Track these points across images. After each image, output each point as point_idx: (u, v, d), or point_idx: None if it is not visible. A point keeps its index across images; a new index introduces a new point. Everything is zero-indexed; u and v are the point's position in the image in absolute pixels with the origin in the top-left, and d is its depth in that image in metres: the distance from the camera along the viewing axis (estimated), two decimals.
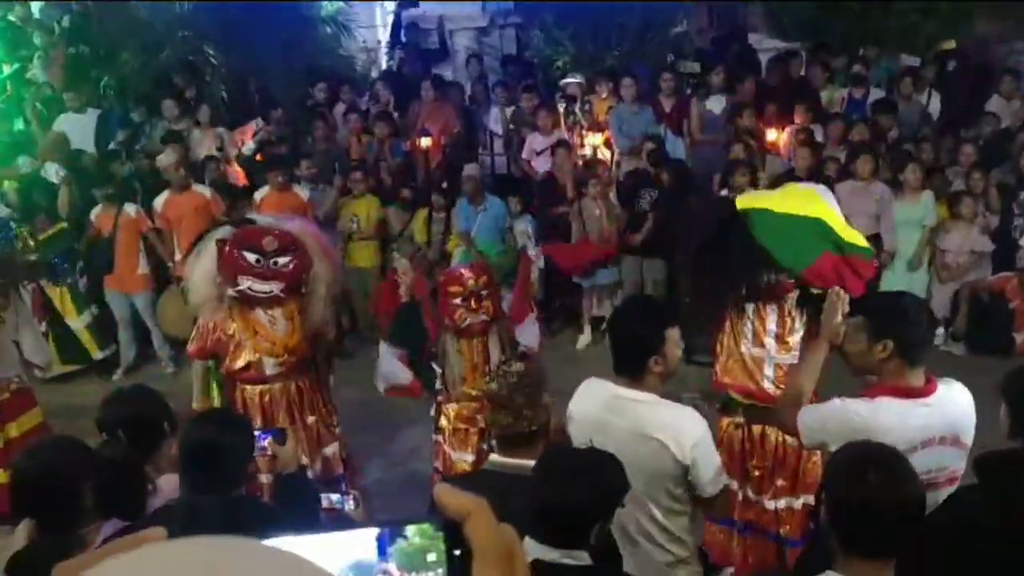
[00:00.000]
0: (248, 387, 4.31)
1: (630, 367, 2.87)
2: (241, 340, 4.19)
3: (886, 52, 9.39)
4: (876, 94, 8.52)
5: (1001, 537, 2.23)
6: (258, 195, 7.26)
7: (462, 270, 4.45)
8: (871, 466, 2.11)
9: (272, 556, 0.53)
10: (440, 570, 0.60)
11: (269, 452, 3.06)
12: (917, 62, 9.07)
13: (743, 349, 4.06)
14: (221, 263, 4.13)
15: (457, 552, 0.61)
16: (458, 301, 4.22)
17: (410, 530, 0.61)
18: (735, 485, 3.97)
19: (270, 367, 4.24)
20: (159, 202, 7.23)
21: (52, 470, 2.49)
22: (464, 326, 4.24)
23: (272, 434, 3.11)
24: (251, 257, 4.07)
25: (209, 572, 0.49)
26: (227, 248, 4.10)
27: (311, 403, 4.41)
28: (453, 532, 0.61)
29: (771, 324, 4.01)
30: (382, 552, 0.60)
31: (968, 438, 2.74)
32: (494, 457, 2.77)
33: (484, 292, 4.27)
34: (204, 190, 7.28)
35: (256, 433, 3.06)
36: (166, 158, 7.36)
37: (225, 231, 4.28)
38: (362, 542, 0.60)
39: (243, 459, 2.79)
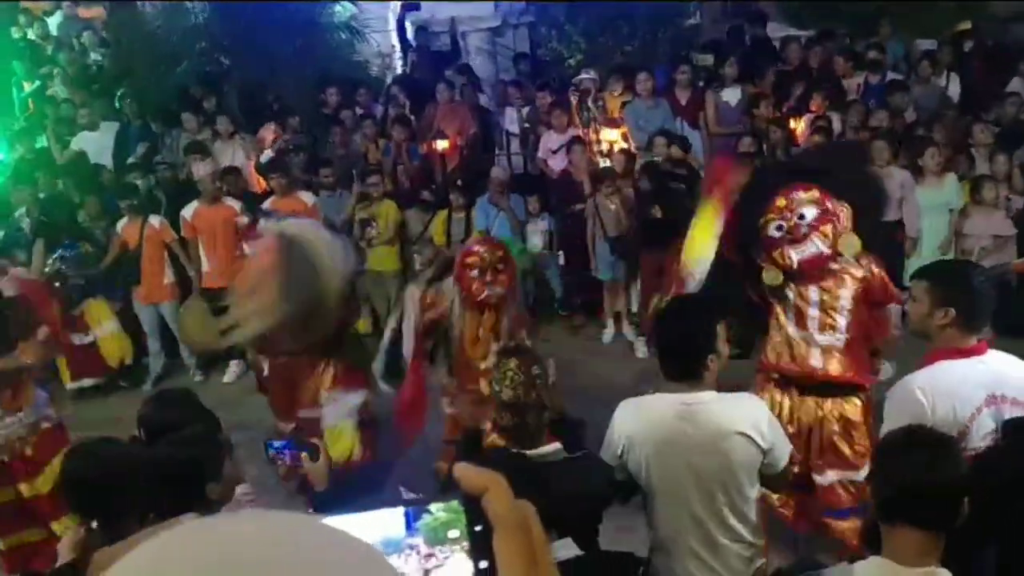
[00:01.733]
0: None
1: (688, 369, 2.82)
2: None
3: (898, 33, 9.31)
4: (892, 77, 8.45)
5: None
6: (267, 203, 7.25)
7: (478, 244, 4.62)
8: (918, 443, 2.18)
9: (321, 529, 0.55)
10: (463, 544, 0.63)
11: (304, 466, 3.04)
12: (933, 46, 8.98)
13: (789, 331, 3.97)
14: None
15: (478, 528, 0.64)
16: (474, 273, 4.42)
17: (435, 506, 0.64)
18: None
19: None
20: (187, 212, 7.30)
21: (106, 468, 2.51)
22: (481, 299, 4.38)
23: (307, 450, 3.09)
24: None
25: (251, 543, 0.51)
26: None
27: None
28: (473, 507, 0.64)
29: (813, 307, 3.93)
30: (409, 527, 0.62)
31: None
32: (514, 452, 2.79)
33: (500, 266, 4.44)
34: (233, 203, 7.32)
35: (288, 444, 3.07)
36: (202, 169, 7.40)
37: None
38: (390, 519, 0.63)
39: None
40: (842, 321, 3.87)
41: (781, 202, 3.81)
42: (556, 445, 2.73)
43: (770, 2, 10.66)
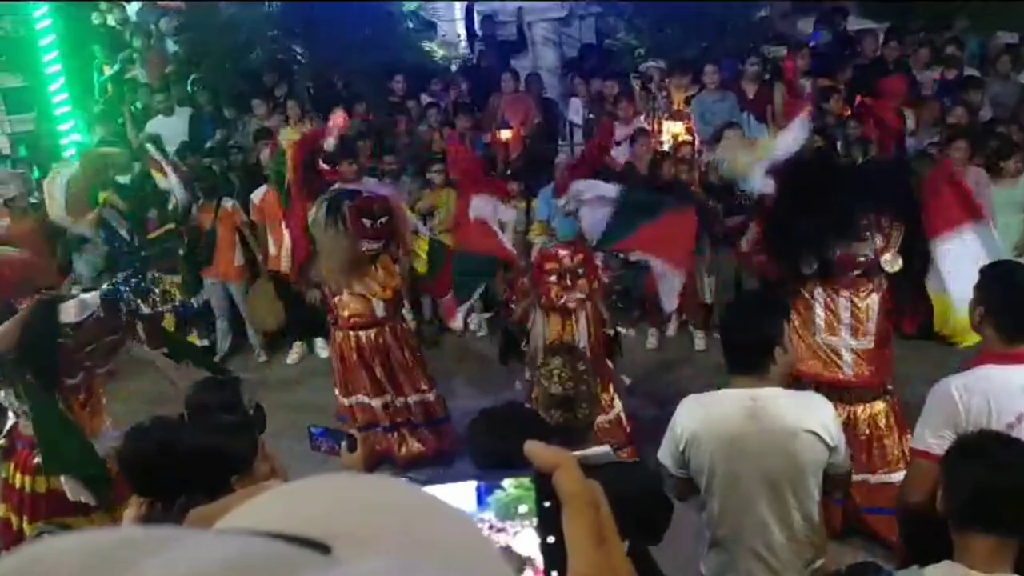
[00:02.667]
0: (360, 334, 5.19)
1: (756, 364, 2.79)
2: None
3: (978, 29, 9.01)
4: (969, 73, 8.20)
5: None
6: (330, 190, 7.40)
7: (560, 248, 4.60)
8: (990, 447, 2.13)
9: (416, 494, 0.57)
10: (531, 520, 0.63)
11: (341, 456, 3.01)
12: (1015, 39, 8.67)
13: (817, 338, 4.09)
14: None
15: (547, 504, 0.64)
16: (553, 279, 4.35)
17: (507, 481, 0.65)
18: None
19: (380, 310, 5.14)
20: (256, 196, 7.46)
21: (160, 448, 2.59)
22: (559, 304, 4.35)
23: (345, 440, 3.07)
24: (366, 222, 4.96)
25: (363, 500, 0.53)
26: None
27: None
28: (544, 484, 0.65)
29: (844, 313, 4.05)
30: (480, 502, 0.63)
31: None
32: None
33: (580, 271, 4.39)
34: None
35: (325, 431, 3.09)
36: (268, 154, 7.52)
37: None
38: (462, 493, 0.64)
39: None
40: (871, 327, 4.04)
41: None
42: (606, 447, 2.69)
43: None
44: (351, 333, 5.21)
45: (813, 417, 2.74)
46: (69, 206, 6.31)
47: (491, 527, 0.63)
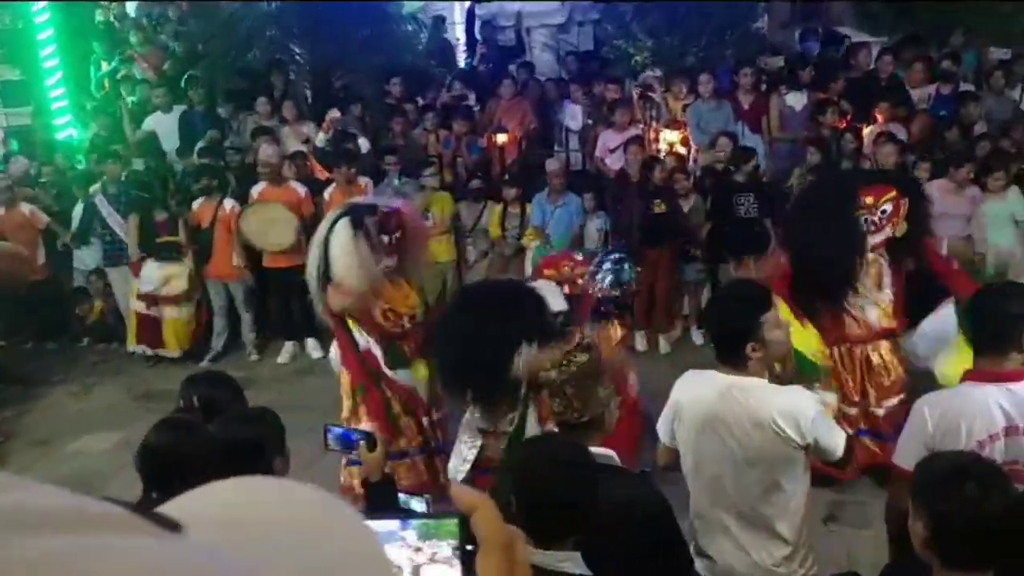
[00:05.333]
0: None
1: (730, 355, 2.86)
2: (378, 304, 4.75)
3: (973, 44, 9.08)
4: (964, 88, 8.25)
5: None
6: (327, 191, 7.42)
7: (565, 260, 4.75)
8: (968, 478, 2.04)
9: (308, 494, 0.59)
10: (449, 541, 0.69)
11: (360, 455, 2.96)
12: (1007, 55, 8.74)
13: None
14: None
15: (469, 548, 0.69)
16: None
17: (434, 520, 0.71)
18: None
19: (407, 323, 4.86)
20: (255, 191, 7.50)
21: (178, 446, 2.58)
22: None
23: (365, 437, 3.04)
24: (384, 239, 4.65)
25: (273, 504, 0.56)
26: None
27: None
28: (467, 526, 0.69)
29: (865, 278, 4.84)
30: (404, 523, 0.70)
31: None
32: None
33: (580, 282, 4.54)
34: (299, 187, 7.48)
35: (345, 431, 3.07)
36: (268, 151, 7.52)
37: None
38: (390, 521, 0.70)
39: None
40: (888, 280, 4.88)
41: (869, 200, 4.74)
42: (609, 451, 2.67)
43: (844, 2, 10.50)
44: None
45: (784, 413, 2.75)
46: None
47: (409, 545, 0.69)
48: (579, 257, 5.10)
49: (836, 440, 2.81)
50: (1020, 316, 2.74)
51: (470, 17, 11.44)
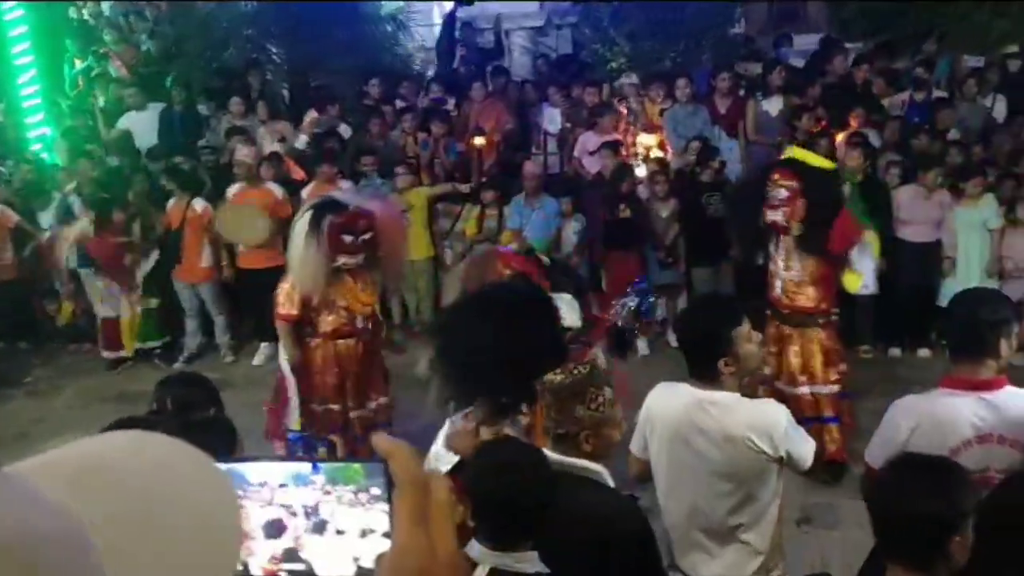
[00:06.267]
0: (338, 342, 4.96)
1: (703, 370, 2.84)
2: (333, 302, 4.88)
3: (946, 52, 9.19)
4: (938, 95, 8.36)
5: None
6: (305, 191, 7.34)
7: (513, 256, 4.57)
8: (919, 476, 2.08)
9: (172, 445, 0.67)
10: (351, 486, 0.78)
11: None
12: (980, 63, 8.86)
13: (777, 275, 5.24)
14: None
15: (376, 490, 0.79)
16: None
17: (345, 463, 0.78)
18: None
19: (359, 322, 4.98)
20: (231, 191, 7.43)
21: None
22: None
23: (325, 444, 3.01)
24: (347, 238, 4.75)
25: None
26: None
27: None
28: (388, 472, 0.76)
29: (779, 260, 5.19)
30: (315, 467, 0.79)
31: None
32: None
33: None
34: (275, 188, 7.41)
35: (300, 437, 3.06)
36: (243, 152, 7.47)
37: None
38: (302, 463, 0.79)
39: None
40: (797, 263, 5.10)
41: (776, 176, 5.05)
42: (598, 466, 2.65)
43: (819, 2, 10.60)
44: (329, 343, 5.06)
45: (755, 427, 2.75)
46: None
47: (319, 487, 0.77)
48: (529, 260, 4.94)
49: (807, 450, 2.83)
50: (996, 323, 2.75)
51: (450, 20, 11.44)
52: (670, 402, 2.89)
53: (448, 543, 0.73)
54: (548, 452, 2.62)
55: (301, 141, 8.23)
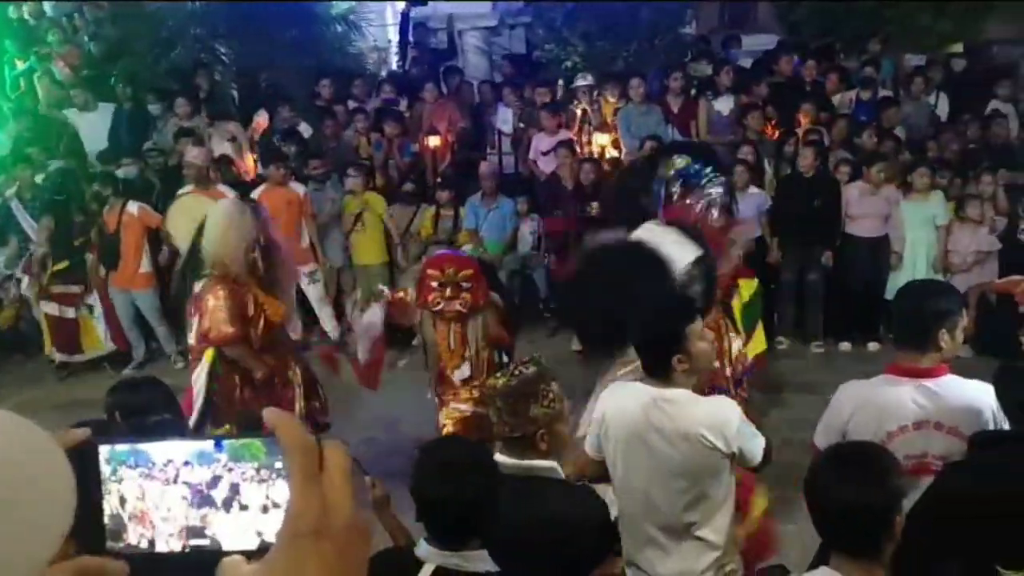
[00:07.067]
0: None
1: (656, 367, 2.86)
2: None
3: (890, 51, 9.38)
4: (882, 94, 8.52)
5: (992, 508, 2.27)
6: (256, 192, 7.19)
7: (447, 259, 4.51)
8: (848, 466, 2.13)
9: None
10: (256, 462, 0.80)
11: None
12: (923, 62, 9.06)
13: None
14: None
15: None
16: (434, 284, 4.34)
17: (241, 441, 0.81)
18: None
19: None
20: (181, 194, 7.22)
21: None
22: (435, 310, 4.34)
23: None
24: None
25: None
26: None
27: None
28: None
29: None
30: (218, 445, 0.80)
31: (968, 431, 2.70)
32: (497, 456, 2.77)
33: (465, 284, 4.32)
34: (227, 190, 7.21)
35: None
36: (193, 154, 7.30)
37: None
38: (206, 441, 0.81)
39: None
40: None
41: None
42: (551, 463, 2.64)
43: (769, 3, 10.73)
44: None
45: (708, 423, 2.76)
46: None
47: (221, 464, 0.79)
48: (466, 260, 4.71)
49: (758, 445, 2.85)
50: (939, 314, 2.81)
51: (405, 19, 11.38)
52: (626, 403, 2.90)
53: (345, 506, 0.74)
54: (499, 456, 2.62)
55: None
